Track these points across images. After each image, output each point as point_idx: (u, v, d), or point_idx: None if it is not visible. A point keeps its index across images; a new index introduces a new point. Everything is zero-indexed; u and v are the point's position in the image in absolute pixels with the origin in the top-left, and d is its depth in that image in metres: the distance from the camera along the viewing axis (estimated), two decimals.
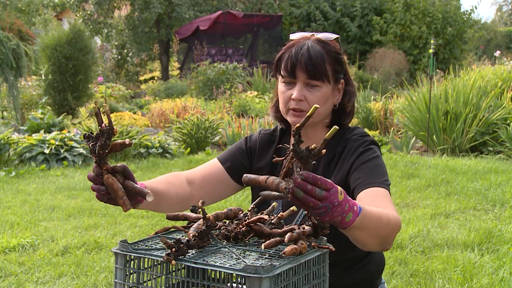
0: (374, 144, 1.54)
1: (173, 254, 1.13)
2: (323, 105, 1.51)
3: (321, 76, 1.48)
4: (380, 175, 1.47)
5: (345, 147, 1.54)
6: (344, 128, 1.60)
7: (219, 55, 16.71)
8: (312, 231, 1.23)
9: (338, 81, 1.54)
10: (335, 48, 1.53)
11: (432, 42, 7.28)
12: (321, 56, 1.48)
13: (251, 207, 1.39)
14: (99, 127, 1.18)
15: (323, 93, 1.50)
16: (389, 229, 1.31)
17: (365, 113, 8.48)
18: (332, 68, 1.51)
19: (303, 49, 1.48)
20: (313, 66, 1.47)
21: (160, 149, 6.94)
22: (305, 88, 1.50)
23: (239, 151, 1.66)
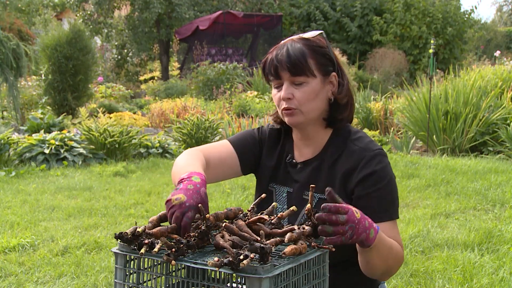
0: (383, 156, 1.51)
1: (173, 254, 1.13)
2: (313, 100, 1.49)
3: (303, 71, 1.47)
4: (389, 205, 1.48)
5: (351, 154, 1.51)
6: (346, 129, 1.57)
7: (219, 55, 16.71)
8: (312, 231, 1.23)
9: (328, 74, 1.52)
10: (319, 42, 1.52)
11: (432, 42, 7.28)
12: (301, 52, 1.47)
13: (251, 207, 1.38)
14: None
15: (311, 88, 1.48)
16: (396, 260, 1.42)
17: (365, 113, 8.48)
18: (316, 62, 1.49)
19: (283, 49, 1.50)
20: (293, 62, 1.47)
21: (160, 149, 6.94)
22: (292, 86, 1.49)
23: (252, 139, 1.67)
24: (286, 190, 1.60)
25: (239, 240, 1.17)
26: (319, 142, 1.57)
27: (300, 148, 1.60)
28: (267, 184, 1.63)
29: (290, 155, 1.61)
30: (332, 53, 1.53)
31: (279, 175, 1.62)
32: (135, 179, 5.51)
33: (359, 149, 1.50)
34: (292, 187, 1.59)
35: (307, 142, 1.58)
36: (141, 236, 1.19)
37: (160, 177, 5.61)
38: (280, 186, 1.62)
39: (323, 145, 1.57)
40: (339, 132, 1.57)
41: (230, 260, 1.04)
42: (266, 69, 1.54)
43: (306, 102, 1.49)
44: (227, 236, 1.19)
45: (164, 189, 5.00)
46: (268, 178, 1.64)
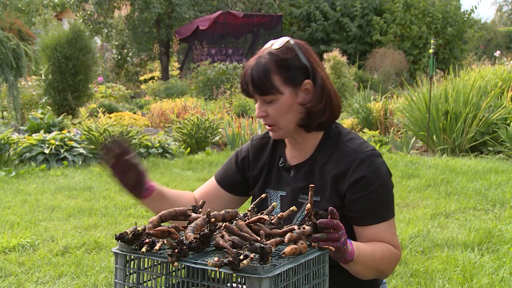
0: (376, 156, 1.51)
1: (175, 255, 1.13)
2: (286, 115, 1.50)
3: (269, 91, 1.47)
4: (383, 206, 1.49)
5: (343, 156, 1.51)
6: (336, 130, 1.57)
7: (219, 55, 16.71)
8: (312, 231, 1.23)
9: (299, 84, 1.49)
10: (284, 54, 1.49)
11: (432, 42, 7.27)
12: (265, 72, 1.47)
13: (251, 207, 1.38)
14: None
15: (282, 104, 1.49)
16: (384, 264, 1.45)
17: (365, 113, 8.48)
18: (281, 77, 1.47)
19: (249, 69, 1.50)
20: (257, 85, 1.47)
21: (160, 149, 6.94)
22: (264, 104, 1.51)
23: (230, 167, 1.72)
24: (279, 194, 1.61)
25: (239, 240, 1.17)
26: (310, 145, 1.58)
27: (292, 151, 1.61)
28: (262, 191, 1.65)
29: (282, 159, 1.62)
30: (304, 59, 1.51)
31: (272, 180, 1.64)
32: None
33: (350, 150, 1.50)
34: (286, 191, 1.59)
35: (297, 145, 1.59)
36: (142, 235, 1.19)
37: (160, 177, 5.61)
38: (274, 191, 1.62)
39: (314, 147, 1.57)
40: (330, 134, 1.56)
41: (230, 260, 1.04)
42: (240, 89, 1.56)
43: (280, 118, 1.50)
44: (227, 236, 1.19)
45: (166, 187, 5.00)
46: (263, 185, 1.65)
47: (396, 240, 1.50)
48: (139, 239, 1.19)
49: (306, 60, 1.51)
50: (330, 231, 1.22)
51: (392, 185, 1.53)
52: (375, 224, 1.47)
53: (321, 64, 1.56)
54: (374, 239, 1.47)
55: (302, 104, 1.50)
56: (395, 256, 1.48)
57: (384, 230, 1.47)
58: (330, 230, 1.22)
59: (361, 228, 1.49)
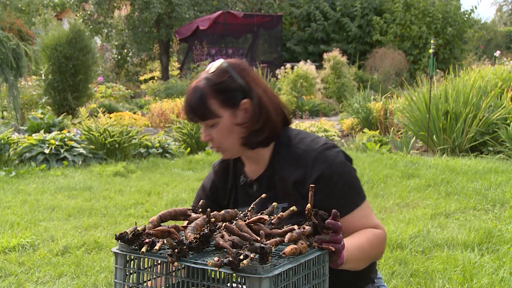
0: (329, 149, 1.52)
1: (175, 255, 1.13)
2: (228, 137, 1.53)
3: (207, 116, 1.51)
4: (351, 194, 1.51)
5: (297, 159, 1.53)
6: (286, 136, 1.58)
7: (219, 55, 16.70)
8: (312, 231, 1.23)
9: (237, 105, 1.52)
10: (219, 78, 1.52)
11: (432, 42, 7.27)
12: (201, 98, 1.50)
13: (250, 207, 1.39)
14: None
15: (222, 127, 1.52)
16: (374, 249, 1.47)
17: (365, 113, 8.48)
18: (218, 101, 1.50)
19: (186, 98, 1.54)
20: (196, 112, 1.52)
21: (160, 149, 6.94)
22: (208, 128, 1.54)
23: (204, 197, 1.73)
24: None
25: (239, 240, 1.17)
26: (265, 157, 1.60)
27: (250, 166, 1.64)
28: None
29: (243, 176, 1.65)
30: (240, 78, 1.53)
31: (239, 199, 1.67)
32: (135, 179, 5.51)
33: (302, 152, 1.53)
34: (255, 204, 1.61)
35: (253, 160, 1.63)
36: (142, 235, 1.19)
37: (160, 177, 5.61)
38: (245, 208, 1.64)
39: (268, 158, 1.60)
40: (280, 141, 1.58)
41: (230, 260, 1.04)
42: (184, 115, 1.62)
43: (224, 140, 1.54)
44: (227, 236, 1.19)
45: (164, 189, 5.00)
46: (233, 206, 1.68)
47: (375, 220, 1.53)
48: (139, 239, 1.19)
49: (242, 80, 1.53)
50: (330, 232, 1.23)
51: (353, 170, 1.55)
52: (349, 213, 1.49)
53: (260, 81, 1.57)
54: (354, 227, 1.49)
55: (240, 124, 1.53)
56: (381, 236, 1.50)
57: (361, 215, 1.50)
58: (329, 232, 1.23)
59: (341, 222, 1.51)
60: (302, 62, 12.44)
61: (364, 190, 1.57)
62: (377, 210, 4.15)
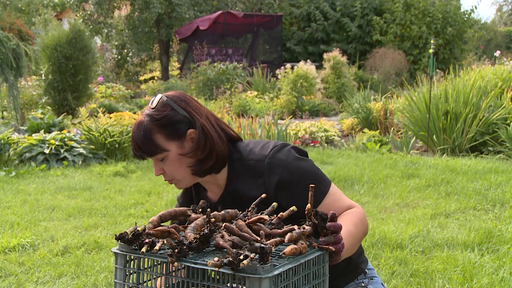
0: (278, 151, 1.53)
1: (175, 255, 1.13)
2: (178, 168, 1.55)
3: (155, 152, 1.52)
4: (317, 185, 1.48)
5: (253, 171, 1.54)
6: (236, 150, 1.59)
7: (219, 55, 16.71)
8: (312, 231, 1.23)
9: (183, 136, 1.53)
10: (160, 113, 1.52)
11: (432, 42, 7.27)
12: (145, 134, 1.51)
13: (250, 207, 1.39)
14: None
15: (172, 159, 1.54)
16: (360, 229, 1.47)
17: (365, 113, 8.48)
18: (163, 135, 1.51)
19: (133, 136, 1.55)
20: (143, 150, 1.53)
21: None
22: (159, 162, 1.56)
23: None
24: None
25: (239, 240, 1.17)
26: (222, 177, 1.61)
27: (211, 189, 1.66)
28: None
29: (205, 200, 1.65)
30: (181, 109, 1.53)
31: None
32: (135, 179, 5.51)
33: (255, 163, 1.54)
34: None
35: (211, 183, 1.64)
36: (142, 236, 1.19)
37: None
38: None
39: (225, 177, 1.61)
40: (233, 157, 1.59)
41: (230, 260, 1.04)
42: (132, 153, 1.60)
43: (175, 172, 1.56)
44: (227, 236, 1.19)
45: (164, 189, 5.00)
46: None
47: (347, 200, 1.54)
48: (139, 239, 1.19)
49: (184, 111, 1.54)
50: (330, 233, 1.23)
51: (309, 161, 1.55)
52: (321, 203, 1.50)
53: (201, 110, 1.58)
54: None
55: (186, 155, 1.54)
56: (360, 214, 1.50)
57: (332, 200, 1.51)
58: (329, 232, 1.23)
59: None
60: (302, 62, 12.44)
61: (364, 190, 1.58)
62: (377, 210, 4.15)
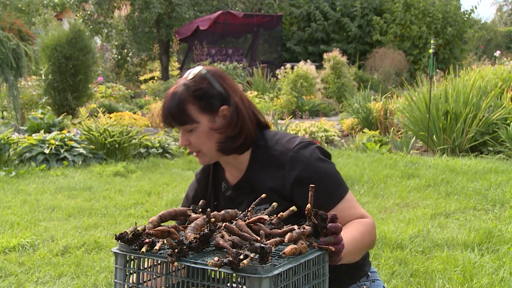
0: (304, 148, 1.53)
1: (175, 255, 1.13)
2: (206, 142, 1.55)
3: (185, 121, 1.53)
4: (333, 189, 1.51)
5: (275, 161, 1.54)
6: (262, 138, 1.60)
7: (219, 55, 16.71)
8: (312, 231, 1.23)
9: (215, 111, 1.54)
10: (198, 84, 1.54)
11: (432, 42, 7.27)
12: (179, 104, 1.52)
13: (250, 207, 1.39)
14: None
15: (200, 132, 1.54)
16: (366, 239, 1.46)
17: (365, 113, 8.48)
18: (197, 107, 1.53)
19: (165, 103, 1.56)
20: (174, 117, 1.53)
21: (160, 149, 6.94)
22: (186, 133, 1.56)
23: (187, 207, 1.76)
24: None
25: (239, 240, 1.17)
26: (243, 161, 1.62)
27: (230, 171, 1.66)
28: None
29: (224, 182, 1.67)
30: (219, 85, 1.55)
31: (223, 205, 1.67)
32: (135, 179, 5.51)
33: (279, 153, 1.54)
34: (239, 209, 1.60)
35: (232, 165, 1.64)
36: (142, 235, 1.19)
37: (160, 177, 5.61)
38: None
39: (247, 162, 1.61)
40: (258, 144, 1.60)
41: (230, 260, 1.04)
42: (161, 120, 1.60)
43: (202, 145, 1.56)
44: (227, 236, 1.20)
45: (164, 189, 5.00)
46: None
47: (361, 210, 1.53)
48: (139, 239, 1.19)
49: (220, 87, 1.56)
50: (330, 233, 1.23)
51: (332, 164, 1.55)
52: (335, 207, 1.50)
53: (237, 89, 1.60)
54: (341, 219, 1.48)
55: (216, 130, 1.55)
56: (370, 225, 1.50)
57: (346, 207, 1.51)
58: (329, 233, 1.23)
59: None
60: (302, 62, 12.44)
61: (364, 190, 1.58)
62: (377, 210, 4.15)
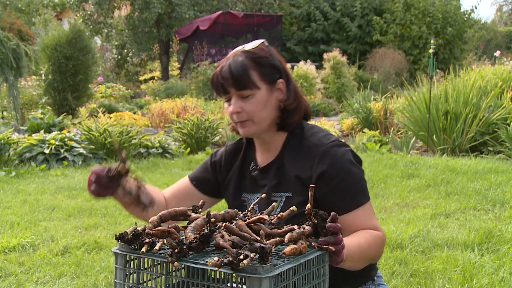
0: (338, 146, 1.54)
1: (175, 255, 1.13)
2: (262, 110, 1.54)
3: (246, 85, 1.52)
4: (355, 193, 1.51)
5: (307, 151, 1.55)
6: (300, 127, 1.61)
7: (219, 55, 16.71)
8: (312, 231, 1.23)
9: (275, 82, 1.56)
10: (261, 52, 1.56)
11: (432, 42, 7.27)
12: (243, 66, 1.52)
13: (251, 207, 1.39)
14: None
15: (258, 99, 1.53)
16: (372, 250, 1.46)
17: (365, 113, 8.47)
18: (259, 73, 1.53)
19: (226, 65, 1.54)
20: (235, 78, 1.51)
21: (160, 149, 6.94)
22: (240, 100, 1.54)
23: (205, 167, 1.77)
24: (256, 196, 1.64)
25: (239, 240, 1.17)
26: (277, 145, 1.62)
27: (262, 153, 1.66)
28: (239, 196, 1.68)
29: (253, 162, 1.67)
30: (277, 60, 1.58)
31: (247, 185, 1.67)
32: None
33: (313, 145, 1.55)
34: (262, 192, 1.62)
35: (266, 146, 1.64)
36: (142, 235, 1.19)
37: (160, 177, 5.61)
38: (251, 194, 1.66)
39: (280, 146, 1.62)
40: (294, 132, 1.61)
41: (230, 260, 1.04)
42: (214, 85, 1.59)
43: (256, 113, 1.54)
44: (227, 236, 1.19)
45: (164, 189, 5.00)
46: (238, 190, 1.69)
47: (375, 222, 1.53)
48: (139, 239, 1.19)
49: (278, 61, 1.58)
50: (330, 233, 1.23)
51: (361, 170, 1.55)
52: (351, 211, 1.49)
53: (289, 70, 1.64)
54: (354, 226, 1.49)
55: (279, 100, 1.56)
56: (379, 239, 1.50)
57: (362, 215, 1.50)
58: (329, 233, 1.23)
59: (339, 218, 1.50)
60: (302, 62, 12.45)
61: None
62: (377, 210, 4.15)
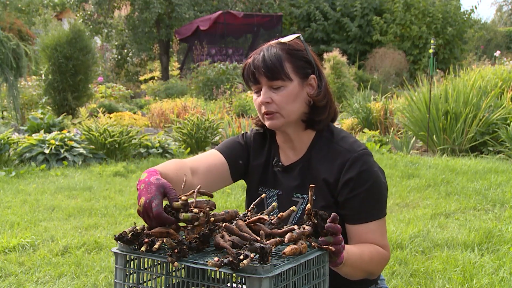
0: (368, 155, 1.53)
1: (175, 255, 1.13)
2: (292, 103, 1.51)
3: (279, 76, 1.49)
4: (375, 205, 1.50)
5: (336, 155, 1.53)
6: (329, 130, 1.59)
7: (219, 55, 16.71)
8: (312, 231, 1.23)
9: (307, 77, 1.54)
10: (296, 46, 1.54)
11: (432, 42, 7.27)
12: (277, 57, 1.50)
13: (250, 207, 1.38)
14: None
15: (289, 91, 1.50)
16: (372, 265, 1.45)
17: (365, 113, 8.47)
18: (292, 65, 1.51)
19: (260, 55, 1.52)
20: (269, 68, 1.49)
21: (160, 149, 6.94)
22: (270, 91, 1.51)
23: (239, 146, 1.69)
24: (275, 193, 1.62)
25: (239, 240, 1.17)
26: (303, 144, 1.59)
27: (285, 151, 1.62)
28: (257, 188, 1.66)
29: (277, 158, 1.64)
30: (311, 56, 1.55)
31: (268, 179, 1.65)
32: (135, 179, 5.51)
33: (343, 150, 1.52)
34: (281, 190, 1.61)
35: (290, 144, 1.61)
36: (141, 235, 1.19)
37: None
38: (270, 189, 1.64)
39: (307, 147, 1.59)
40: (322, 134, 1.58)
41: (230, 260, 1.04)
42: (245, 75, 1.56)
43: (285, 105, 1.51)
44: (227, 236, 1.19)
45: None
46: (258, 182, 1.66)
47: (385, 240, 1.52)
48: (139, 239, 1.19)
49: (312, 57, 1.56)
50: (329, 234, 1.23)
51: (385, 184, 1.54)
52: (366, 223, 1.48)
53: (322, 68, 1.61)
54: (364, 238, 1.48)
55: (309, 96, 1.53)
56: (383, 257, 1.49)
57: (374, 229, 1.49)
58: (329, 233, 1.23)
59: (352, 226, 1.50)
60: None
61: None
62: None
